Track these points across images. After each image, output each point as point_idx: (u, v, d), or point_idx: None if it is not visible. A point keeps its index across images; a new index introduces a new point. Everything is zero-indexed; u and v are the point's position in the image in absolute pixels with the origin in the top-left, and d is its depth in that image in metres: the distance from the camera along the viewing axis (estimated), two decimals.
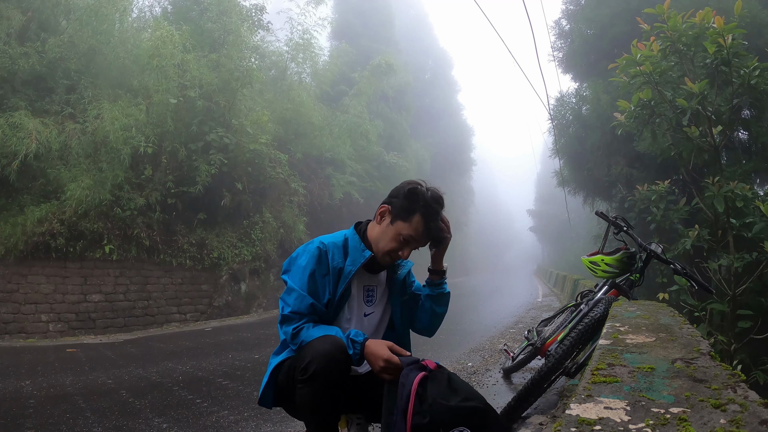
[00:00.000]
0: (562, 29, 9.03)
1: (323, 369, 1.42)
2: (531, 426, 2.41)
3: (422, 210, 1.58)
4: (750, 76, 3.66)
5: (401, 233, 1.60)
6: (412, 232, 1.60)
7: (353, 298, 1.68)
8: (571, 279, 11.11)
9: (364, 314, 1.71)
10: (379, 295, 1.75)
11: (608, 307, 2.23)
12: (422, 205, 1.58)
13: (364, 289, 1.71)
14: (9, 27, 7.65)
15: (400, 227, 1.60)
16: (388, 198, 1.66)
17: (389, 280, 1.77)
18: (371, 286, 1.73)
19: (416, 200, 1.58)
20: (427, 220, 1.59)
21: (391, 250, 1.62)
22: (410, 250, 1.63)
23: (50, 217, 7.06)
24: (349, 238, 1.69)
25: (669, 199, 5.05)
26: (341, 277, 1.62)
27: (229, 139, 9.13)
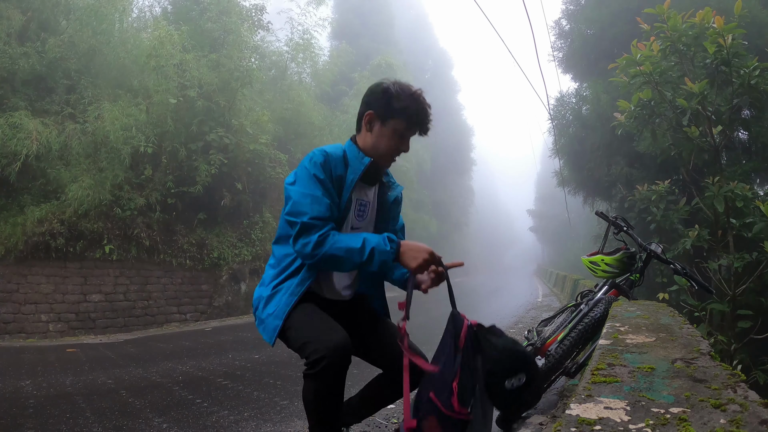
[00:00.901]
0: (562, 29, 9.03)
1: (335, 364, 1.45)
2: (531, 426, 2.41)
3: (407, 102, 1.64)
4: (750, 76, 3.66)
5: (397, 129, 1.66)
6: (405, 124, 1.66)
7: (351, 210, 1.70)
8: (571, 279, 11.11)
9: (351, 227, 1.72)
10: (369, 212, 1.78)
11: (608, 307, 2.23)
12: (404, 99, 1.64)
13: (357, 203, 1.73)
14: (9, 27, 7.65)
15: (393, 124, 1.65)
16: (365, 106, 1.70)
17: (380, 201, 1.80)
18: (365, 201, 1.76)
19: (399, 99, 1.64)
20: (413, 110, 1.65)
21: (394, 149, 1.69)
22: (407, 144, 1.70)
23: (50, 217, 7.06)
24: (347, 149, 1.70)
25: (669, 199, 5.05)
26: (344, 187, 1.65)
27: (229, 139, 9.13)
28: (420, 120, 1.67)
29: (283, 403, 3.08)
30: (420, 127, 1.68)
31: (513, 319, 7.65)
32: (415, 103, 1.65)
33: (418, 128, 1.68)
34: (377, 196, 1.80)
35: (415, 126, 1.67)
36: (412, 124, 1.67)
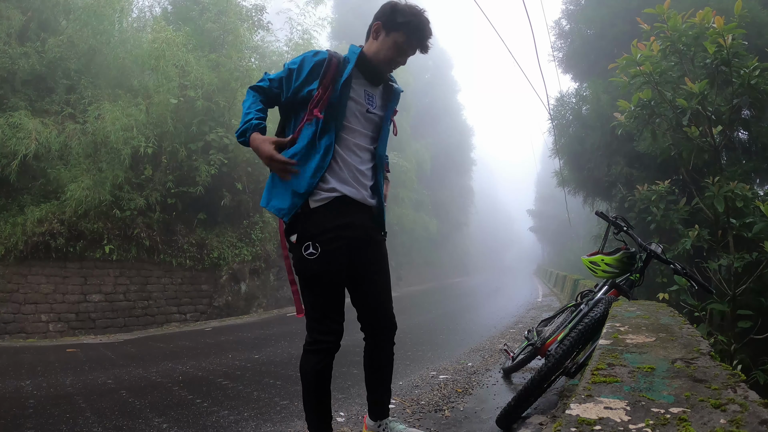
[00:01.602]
0: (562, 29, 9.03)
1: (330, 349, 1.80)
2: (531, 426, 2.41)
3: (411, 18, 1.83)
4: (750, 76, 3.66)
5: (397, 41, 1.84)
6: (406, 39, 1.84)
7: (357, 95, 1.89)
8: (571, 279, 11.10)
9: (367, 111, 1.92)
10: (377, 102, 1.97)
11: (608, 307, 2.23)
12: (407, 15, 1.83)
13: (365, 92, 1.93)
14: (9, 27, 7.65)
15: (395, 36, 1.84)
16: (375, 18, 1.90)
17: (386, 95, 2.00)
18: (371, 92, 1.95)
19: (403, 14, 1.83)
20: (414, 25, 1.83)
21: (391, 59, 1.87)
22: (407, 56, 1.89)
23: (50, 217, 7.06)
24: (350, 51, 1.91)
25: (669, 199, 5.04)
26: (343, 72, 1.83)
27: (229, 139, 9.13)
28: (419, 36, 1.84)
29: (283, 403, 3.08)
30: (419, 43, 1.86)
31: (513, 319, 7.64)
32: (417, 20, 1.83)
33: (418, 44, 1.87)
34: (383, 92, 2.01)
35: (414, 41, 1.86)
36: (412, 39, 1.85)
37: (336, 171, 1.82)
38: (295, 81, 1.85)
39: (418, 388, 3.35)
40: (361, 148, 1.91)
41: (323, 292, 1.78)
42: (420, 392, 3.24)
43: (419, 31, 1.84)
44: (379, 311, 1.96)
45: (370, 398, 2.10)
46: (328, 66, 1.83)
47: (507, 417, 2.39)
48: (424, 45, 1.88)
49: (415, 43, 1.86)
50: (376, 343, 2.00)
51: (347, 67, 1.84)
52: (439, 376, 3.75)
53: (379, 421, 2.08)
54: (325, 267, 1.76)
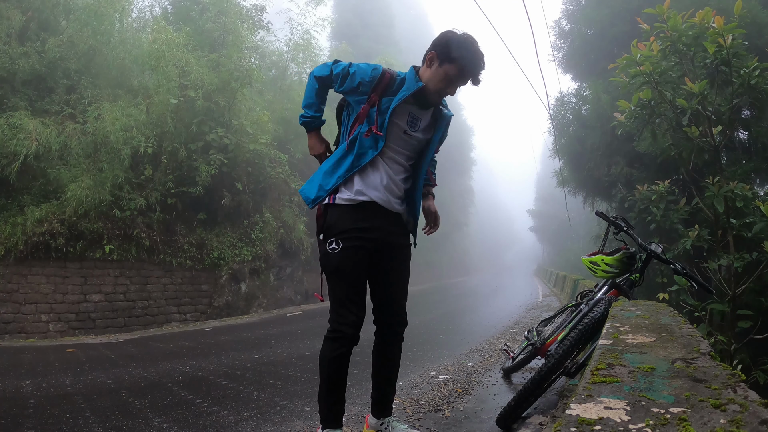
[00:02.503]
0: (562, 29, 9.03)
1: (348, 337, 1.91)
2: (531, 426, 2.41)
3: (464, 53, 1.88)
4: (750, 76, 3.66)
5: (449, 73, 1.90)
6: (458, 72, 1.90)
7: (400, 117, 1.98)
8: (571, 279, 11.11)
9: (404, 132, 2.00)
10: (422, 125, 2.05)
11: (608, 307, 2.23)
12: (462, 49, 1.88)
13: (409, 115, 2.00)
14: (9, 27, 7.65)
15: (447, 68, 1.90)
16: (432, 46, 1.95)
17: (434, 119, 2.08)
18: (417, 115, 2.03)
19: (458, 48, 1.88)
20: (467, 60, 1.88)
21: (441, 89, 1.94)
22: (456, 87, 1.94)
23: (50, 217, 7.06)
24: (408, 73, 2.00)
25: (669, 199, 5.05)
26: (393, 98, 1.94)
27: (229, 139, 9.13)
28: (471, 71, 1.90)
29: (283, 403, 3.08)
30: (471, 76, 1.92)
31: (513, 319, 7.64)
32: (471, 55, 1.87)
33: (470, 78, 1.93)
34: (432, 116, 2.08)
35: (466, 75, 1.92)
36: (463, 73, 1.91)
37: (368, 175, 1.98)
38: (350, 84, 1.98)
39: (418, 388, 3.35)
40: (397, 162, 2.03)
41: (343, 285, 1.94)
42: (420, 392, 3.24)
43: (472, 65, 1.89)
44: (392, 307, 2.08)
45: (374, 395, 2.15)
46: (380, 81, 1.94)
47: (507, 417, 2.39)
48: (476, 79, 1.93)
49: (468, 76, 1.92)
50: (385, 338, 2.10)
51: (401, 90, 1.94)
52: (439, 376, 3.75)
53: (382, 419, 2.09)
54: (345, 262, 1.93)
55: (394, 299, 2.09)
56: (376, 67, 1.97)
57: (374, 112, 1.94)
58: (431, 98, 1.97)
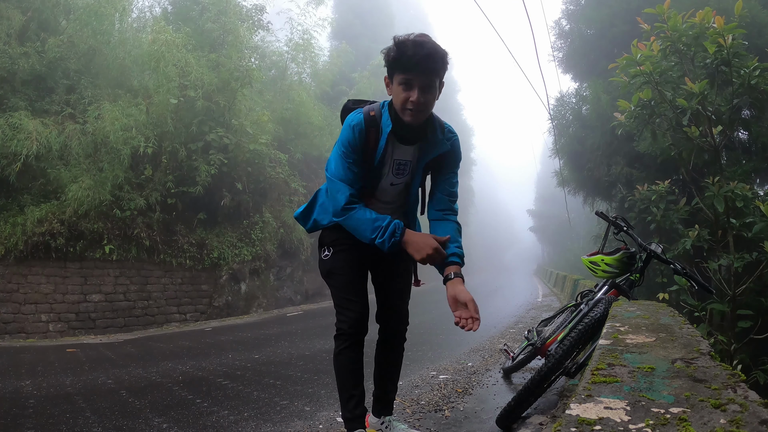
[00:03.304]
0: (562, 29, 9.03)
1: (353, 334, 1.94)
2: (531, 426, 2.41)
3: (397, 52, 1.72)
4: (750, 76, 3.66)
5: (400, 80, 1.75)
6: (403, 73, 1.73)
7: (385, 169, 1.91)
8: (571, 279, 11.11)
9: (390, 183, 1.95)
10: (409, 170, 1.96)
11: (608, 307, 2.23)
12: (395, 50, 1.72)
13: (395, 162, 1.92)
14: (9, 27, 7.65)
15: (398, 79, 1.76)
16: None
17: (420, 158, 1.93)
18: (404, 161, 1.92)
19: (389, 52, 1.75)
20: (404, 55, 1.70)
21: (404, 101, 1.76)
22: (415, 91, 1.72)
23: (50, 217, 7.06)
24: (383, 115, 1.87)
25: (669, 199, 5.05)
26: (377, 149, 1.86)
27: (229, 139, 9.13)
28: (414, 62, 1.68)
29: (283, 403, 3.08)
30: (417, 68, 1.70)
31: (513, 319, 7.64)
32: (403, 48, 1.70)
33: (417, 71, 1.70)
34: (419, 154, 1.93)
35: (412, 69, 1.70)
36: (408, 70, 1.71)
37: None
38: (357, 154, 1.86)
39: (418, 388, 3.35)
40: (385, 201, 2.00)
41: (337, 285, 2.00)
42: (420, 392, 3.24)
43: (409, 57, 1.69)
44: (393, 307, 2.10)
45: (375, 393, 2.16)
46: (367, 139, 1.85)
47: (507, 417, 2.39)
48: (424, 68, 1.70)
49: (415, 70, 1.70)
50: (387, 337, 2.13)
51: (382, 136, 1.84)
52: (439, 376, 3.75)
53: (383, 417, 2.09)
54: (336, 263, 2.00)
55: (394, 299, 2.11)
56: (354, 122, 1.83)
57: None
58: (406, 119, 1.79)
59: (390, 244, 1.77)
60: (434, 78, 1.74)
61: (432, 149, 1.91)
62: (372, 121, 1.84)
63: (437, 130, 1.91)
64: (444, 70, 1.78)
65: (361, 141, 1.83)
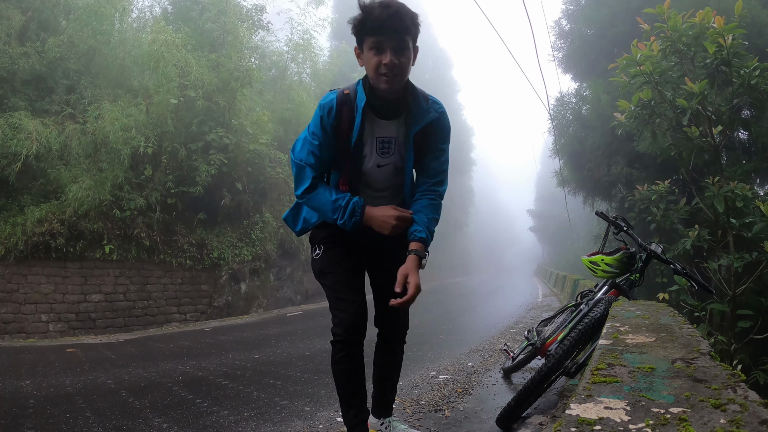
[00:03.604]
0: (562, 29, 9.03)
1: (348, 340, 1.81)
2: (531, 426, 2.41)
3: (362, 16, 1.65)
4: (750, 76, 3.66)
5: (370, 45, 1.66)
6: (372, 36, 1.64)
7: (368, 149, 1.78)
8: (571, 279, 11.10)
9: (377, 165, 1.81)
10: (395, 147, 1.81)
11: (608, 307, 2.23)
12: (360, 16, 1.66)
13: (378, 141, 1.79)
14: (9, 27, 7.65)
15: (368, 44, 1.66)
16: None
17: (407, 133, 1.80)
18: (387, 137, 1.80)
19: (354, 20, 1.68)
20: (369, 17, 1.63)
21: (376, 65, 1.65)
22: (387, 53, 1.63)
23: (50, 217, 7.06)
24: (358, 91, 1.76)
25: (669, 199, 5.05)
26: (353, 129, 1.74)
27: (229, 139, 9.13)
28: (381, 21, 1.60)
29: (283, 403, 3.08)
30: (387, 28, 1.61)
31: (513, 319, 7.64)
32: (370, 10, 1.63)
33: (387, 31, 1.62)
34: (404, 129, 1.80)
35: (381, 31, 1.62)
36: (378, 32, 1.63)
37: None
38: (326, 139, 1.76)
39: (418, 388, 3.35)
40: (377, 188, 1.87)
41: (330, 285, 1.90)
42: (420, 392, 3.24)
43: (374, 18, 1.62)
44: (390, 311, 1.93)
45: (375, 395, 2.12)
46: (339, 119, 1.73)
47: (507, 417, 2.39)
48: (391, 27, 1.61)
49: (382, 31, 1.62)
50: (386, 339, 2.06)
51: (357, 112, 1.72)
52: (439, 376, 3.75)
53: (383, 419, 2.09)
54: (327, 262, 1.91)
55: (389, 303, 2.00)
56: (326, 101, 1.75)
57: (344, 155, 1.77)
58: (381, 88, 1.69)
59: (351, 223, 1.71)
60: (406, 37, 1.66)
61: (418, 120, 1.78)
62: (345, 99, 1.74)
63: (420, 99, 1.79)
64: (416, 31, 1.70)
65: (332, 121, 1.73)
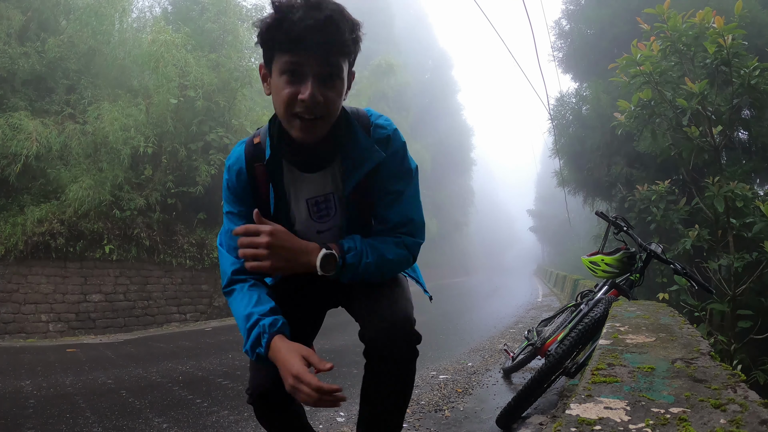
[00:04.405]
0: (562, 29, 9.03)
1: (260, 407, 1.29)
2: (531, 426, 2.41)
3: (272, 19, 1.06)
4: (750, 76, 3.66)
5: (280, 69, 1.08)
6: (289, 52, 1.06)
7: (296, 216, 1.29)
8: (571, 279, 11.10)
9: (316, 232, 1.29)
10: (336, 206, 1.29)
11: (608, 307, 2.23)
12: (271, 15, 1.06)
13: (308, 204, 1.28)
14: (9, 27, 7.66)
15: (278, 63, 1.08)
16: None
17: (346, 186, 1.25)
18: (320, 196, 1.27)
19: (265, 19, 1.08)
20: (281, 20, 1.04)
21: (287, 101, 1.08)
22: (308, 84, 1.06)
23: (50, 217, 7.06)
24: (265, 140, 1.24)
25: (669, 199, 5.05)
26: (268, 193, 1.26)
27: (229, 139, 9.13)
28: (299, 33, 1.02)
29: None
30: (310, 43, 1.03)
31: (513, 319, 7.64)
32: (287, 12, 1.03)
33: (309, 47, 1.03)
34: (342, 179, 1.25)
35: (300, 46, 1.03)
36: (295, 47, 1.04)
37: None
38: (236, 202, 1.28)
39: (418, 388, 3.35)
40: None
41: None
42: (420, 392, 3.24)
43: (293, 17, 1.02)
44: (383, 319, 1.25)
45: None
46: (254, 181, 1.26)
47: (507, 417, 2.39)
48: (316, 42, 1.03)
49: (299, 40, 1.03)
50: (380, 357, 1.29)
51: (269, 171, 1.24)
52: (439, 376, 3.75)
53: None
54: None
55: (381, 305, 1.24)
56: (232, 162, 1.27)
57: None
58: (293, 131, 1.13)
59: (254, 355, 1.16)
60: (340, 59, 1.09)
61: (359, 163, 1.22)
62: (256, 151, 1.25)
63: (358, 133, 1.21)
64: (356, 49, 1.14)
65: (243, 185, 1.25)
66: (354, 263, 1.18)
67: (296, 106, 1.08)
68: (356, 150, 1.22)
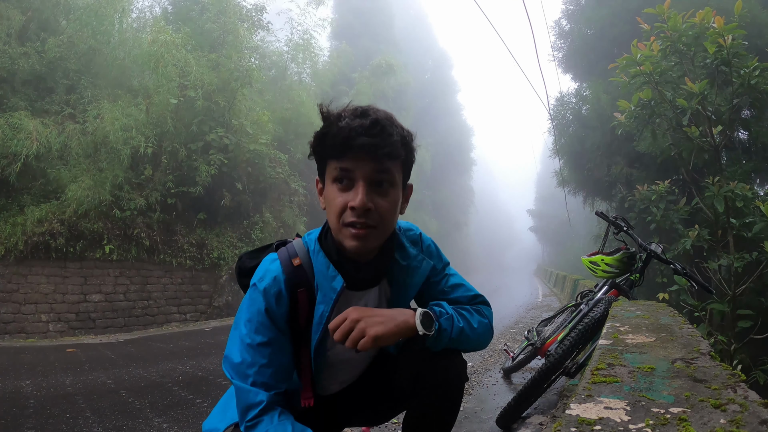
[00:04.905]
0: (562, 29, 9.03)
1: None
2: (531, 426, 2.41)
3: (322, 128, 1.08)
4: (750, 76, 3.66)
5: (334, 175, 1.08)
6: (338, 159, 1.06)
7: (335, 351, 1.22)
8: (571, 279, 11.10)
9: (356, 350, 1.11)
10: None
11: (608, 307, 2.23)
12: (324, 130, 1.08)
13: None
14: (9, 27, 7.66)
15: (329, 173, 1.09)
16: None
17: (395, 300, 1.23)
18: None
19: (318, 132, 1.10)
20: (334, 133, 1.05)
21: (339, 211, 1.06)
22: (359, 190, 1.04)
23: (50, 217, 7.06)
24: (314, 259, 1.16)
25: (669, 199, 5.05)
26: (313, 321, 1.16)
27: (229, 139, 9.13)
28: (348, 138, 1.02)
29: None
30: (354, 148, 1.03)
31: (513, 319, 7.64)
32: (333, 119, 1.06)
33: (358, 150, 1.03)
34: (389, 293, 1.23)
35: (349, 151, 1.04)
36: (341, 152, 1.05)
37: None
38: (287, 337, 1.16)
39: None
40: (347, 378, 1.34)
41: None
42: None
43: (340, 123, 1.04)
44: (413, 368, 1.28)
45: None
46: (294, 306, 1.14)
47: (507, 417, 2.39)
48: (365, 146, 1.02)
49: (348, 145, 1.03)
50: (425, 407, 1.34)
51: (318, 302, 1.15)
52: None
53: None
54: None
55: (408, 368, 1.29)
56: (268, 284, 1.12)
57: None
58: (347, 245, 1.09)
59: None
60: (389, 165, 1.06)
61: (409, 279, 1.22)
62: (298, 274, 1.14)
63: (406, 245, 1.22)
64: (410, 156, 1.12)
65: (285, 309, 1.13)
66: (447, 328, 1.17)
67: (348, 215, 1.05)
68: (406, 263, 1.21)
